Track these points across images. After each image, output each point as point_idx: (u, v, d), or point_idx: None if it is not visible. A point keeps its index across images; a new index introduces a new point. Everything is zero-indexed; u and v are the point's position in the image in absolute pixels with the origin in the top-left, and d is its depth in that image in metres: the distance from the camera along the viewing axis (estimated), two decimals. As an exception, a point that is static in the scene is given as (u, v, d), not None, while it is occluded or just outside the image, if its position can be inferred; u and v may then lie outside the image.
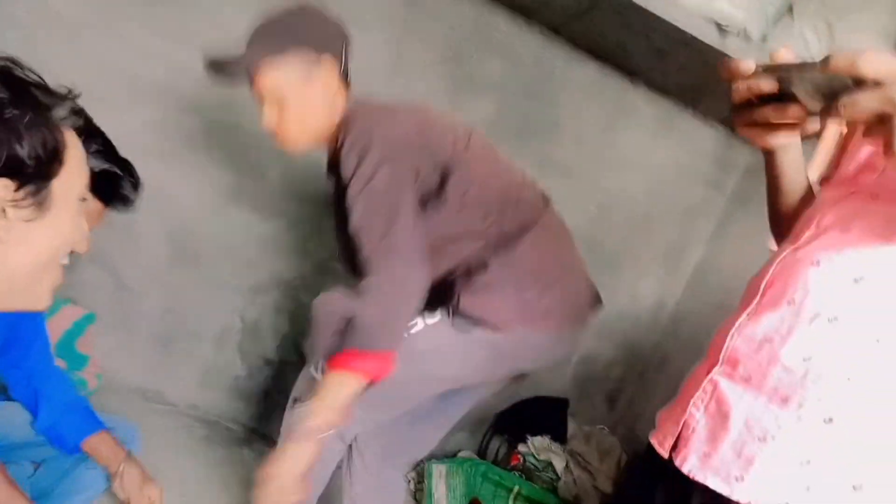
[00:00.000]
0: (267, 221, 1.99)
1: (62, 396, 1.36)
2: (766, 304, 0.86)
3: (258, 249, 2.01)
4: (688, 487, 0.86)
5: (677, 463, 0.88)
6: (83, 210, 0.98)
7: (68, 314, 1.78)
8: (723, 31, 1.64)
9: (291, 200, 1.99)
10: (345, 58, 1.28)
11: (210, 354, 2.06)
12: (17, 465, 1.33)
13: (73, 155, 0.73)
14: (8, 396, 1.36)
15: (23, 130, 0.65)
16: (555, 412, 2.24)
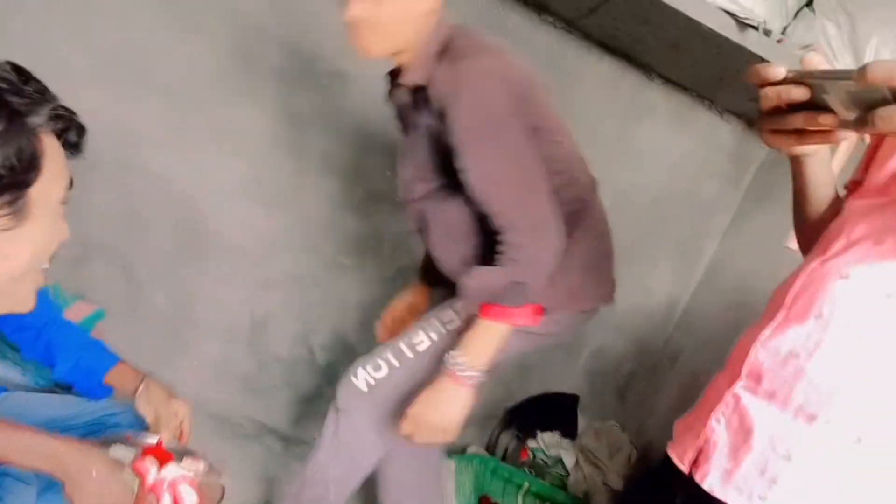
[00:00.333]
0: (277, 217, 1.98)
1: (75, 340, 1.31)
2: (793, 317, 0.83)
3: (268, 245, 2.00)
4: (708, 502, 0.84)
5: (697, 478, 0.86)
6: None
7: (78, 310, 1.78)
8: (741, 25, 1.60)
9: (303, 196, 1.97)
10: None
11: (219, 349, 2.06)
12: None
13: (52, 160, 0.70)
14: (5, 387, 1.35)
15: None
16: (565, 408, 2.23)
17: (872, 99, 0.56)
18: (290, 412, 2.12)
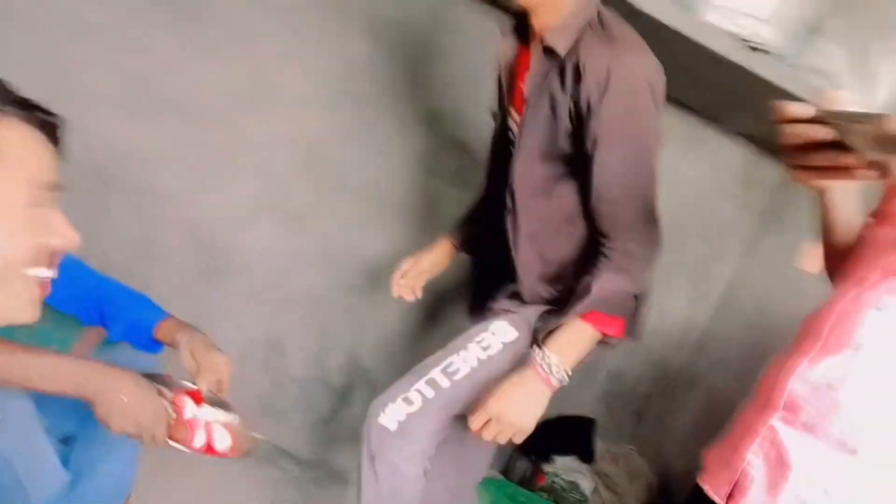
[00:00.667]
0: (294, 237, 2.01)
1: (123, 300, 1.37)
2: (829, 349, 0.83)
3: (284, 265, 2.03)
4: None
5: None
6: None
7: (95, 332, 1.80)
8: (750, 49, 1.63)
9: (319, 216, 2.01)
10: None
11: (234, 370, 2.07)
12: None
13: (12, 153, 0.64)
14: None
15: None
16: (581, 432, 2.21)
17: (894, 144, 0.58)
18: (305, 434, 2.13)
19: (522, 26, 1.22)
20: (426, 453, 1.26)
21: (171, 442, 1.02)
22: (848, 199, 0.93)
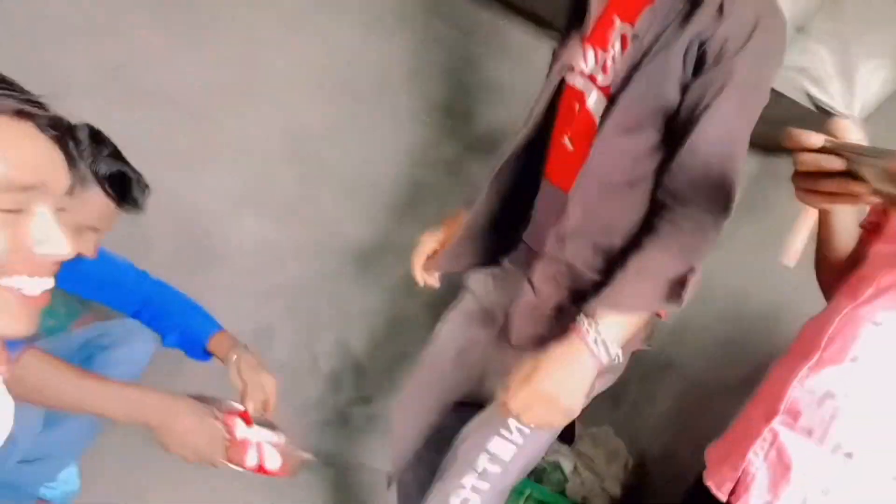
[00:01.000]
0: (280, 227, 2.00)
1: (177, 309, 1.44)
2: (828, 359, 0.89)
3: (271, 255, 2.01)
4: None
5: None
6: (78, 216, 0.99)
7: (92, 314, 1.78)
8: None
9: (308, 206, 1.99)
10: None
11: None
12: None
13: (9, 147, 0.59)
14: None
15: None
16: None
17: None
18: (294, 420, 2.14)
19: None
20: None
21: (227, 463, 1.06)
22: (848, 216, 0.98)
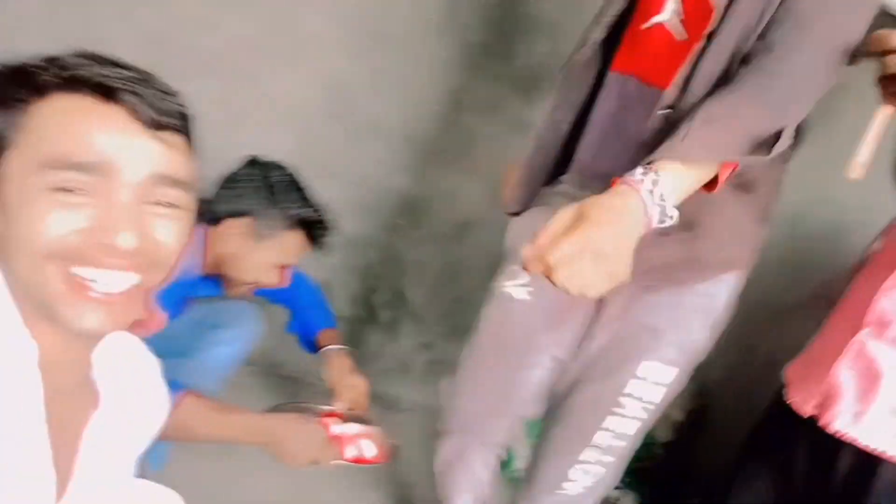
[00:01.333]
0: (330, 184, 2.00)
1: (307, 300, 1.59)
2: None
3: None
4: (833, 446, 0.90)
5: (824, 421, 0.92)
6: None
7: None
8: None
9: (352, 159, 2.00)
10: None
11: (285, 315, 2.13)
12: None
13: (37, 131, 0.57)
14: None
15: None
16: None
17: None
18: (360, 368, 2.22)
19: None
20: None
21: (331, 460, 1.19)
22: None
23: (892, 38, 0.68)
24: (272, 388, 2.09)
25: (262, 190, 1.32)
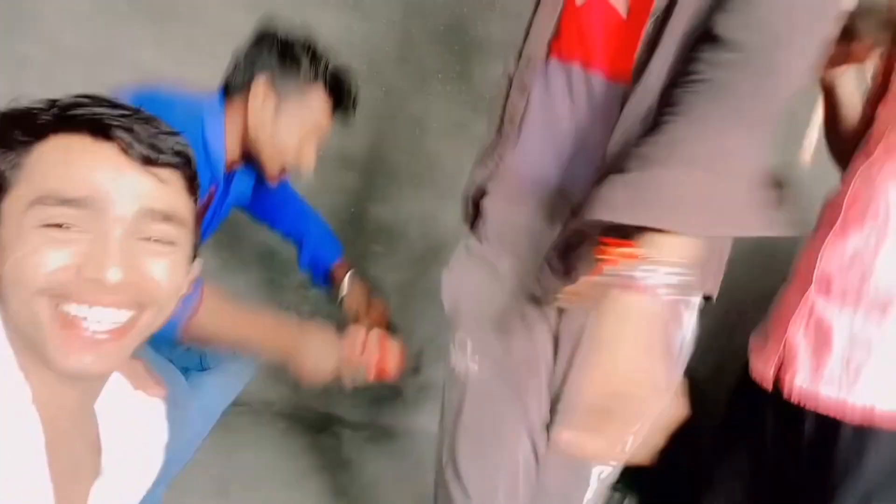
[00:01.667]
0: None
1: (316, 231, 1.55)
2: (851, 222, 0.92)
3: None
4: (797, 410, 0.93)
5: (786, 382, 0.95)
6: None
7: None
8: None
9: (323, 195, 2.03)
10: None
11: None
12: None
13: (37, 168, 0.58)
14: None
15: None
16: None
17: None
18: (349, 399, 2.23)
19: None
20: None
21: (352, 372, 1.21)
22: (851, 90, 1.01)
23: None
24: (265, 426, 2.09)
25: (276, 47, 1.22)
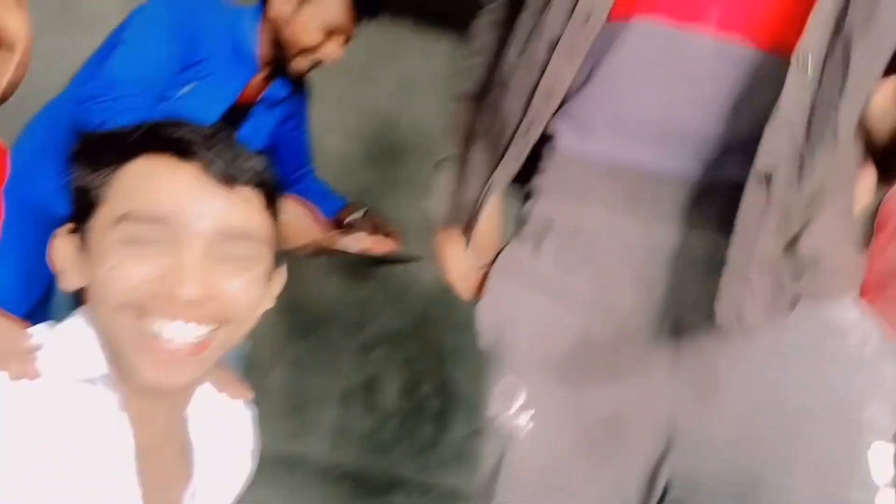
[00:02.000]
0: (363, 284, 2.15)
1: (316, 189, 1.51)
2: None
3: (360, 310, 2.18)
4: None
5: None
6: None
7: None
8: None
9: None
10: None
11: (338, 414, 2.22)
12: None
13: (120, 188, 0.62)
14: None
15: None
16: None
17: None
18: (416, 461, 2.25)
19: None
20: None
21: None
22: None
23: None
24: (330, 486, 2.14)
25: None
